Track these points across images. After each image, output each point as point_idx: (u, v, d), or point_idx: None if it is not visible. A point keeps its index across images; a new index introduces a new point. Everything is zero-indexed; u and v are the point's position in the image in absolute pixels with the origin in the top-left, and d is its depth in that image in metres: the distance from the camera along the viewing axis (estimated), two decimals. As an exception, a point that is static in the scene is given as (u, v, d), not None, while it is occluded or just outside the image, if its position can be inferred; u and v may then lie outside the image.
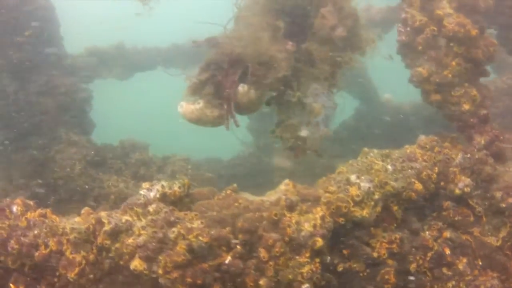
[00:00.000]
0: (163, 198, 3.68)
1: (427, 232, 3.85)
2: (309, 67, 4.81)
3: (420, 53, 4.22)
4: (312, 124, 4.83)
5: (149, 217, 3.51)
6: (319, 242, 3.57)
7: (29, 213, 3.80)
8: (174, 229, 3.46)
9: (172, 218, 3.51)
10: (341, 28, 4.61)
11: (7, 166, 6.24)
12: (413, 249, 3.79)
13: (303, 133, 4.86)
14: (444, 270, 3.78)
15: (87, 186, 6.04)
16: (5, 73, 6.34)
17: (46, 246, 3.57)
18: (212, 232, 3.53)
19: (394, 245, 3.73)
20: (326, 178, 4.18)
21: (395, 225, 3.81)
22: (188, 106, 4.93)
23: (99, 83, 8.16)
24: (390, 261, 3.73)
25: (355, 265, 3.76)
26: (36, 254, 3.54)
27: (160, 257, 3.37)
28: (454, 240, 3.86)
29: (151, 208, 3.56)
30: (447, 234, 3.85)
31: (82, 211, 3.83)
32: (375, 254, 3.71)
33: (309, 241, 3.59)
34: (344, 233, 3.78)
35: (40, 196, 5.94)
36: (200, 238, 3.45)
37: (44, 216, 3.82)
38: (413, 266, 3.77)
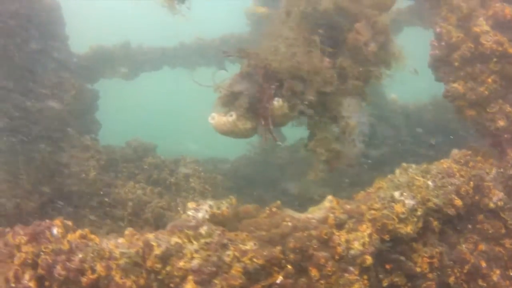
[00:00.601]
0: (212, 218, 3.64)
1: (463, 245, 4.00)
2: (343, 83, 4.82)
3: (455, 69, 4.30)
4: (347, 140, 4.88)
5: (202, 240, 3.47)
6: (369, 260, 3.65)
7: (69, 235, 3.67)
8: (228, 252, 3.43)
9: (225, 241, 3.48)
10: (373, 43, 4.63)
11: (17, 171, 5.96)
12: (451, 262, 3.95)
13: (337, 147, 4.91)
14: (480, 282, 3.96)
15: (102, 192, 5.87)
16: (13, 76, 6.01)
17: (93, 271, 3.46)
18: (265, 253, 3.53)
19: (435, 260, 3.86)
20: (365, 193, 4.25)
21: (435, 239, 3.94)
22: (220, 118, 4.83)
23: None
24: (430, 275, 3.87)
25: (396, 279, 3.87)
26: (84, 279, 3.43)
27: (216, 281, 3.35)
28: (488, 252, 4.03)
29: (202, 231, 3.51)
30: (482, 246, 4.03)
31: (126, 232, 3.72)
32: (418, 269, 3.83)
33: (359, 259, 3.66)
34: (385, 248, 3.88)
35: (53, 203, 5.75)
36: (255, 260, 3.45)
37: (85, 237, 3.69)
38: (451, 279, 3.93)
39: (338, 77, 4.83)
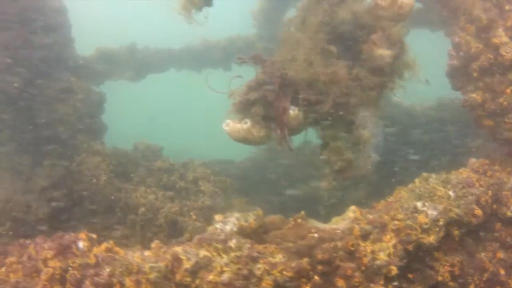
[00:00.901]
0: (240, 231, 3.65)
1: (482, 254, 4.08)
2: (358, 93, 4.84)
3: (473, 79, 4.36)
4: (361, 150, 4.91)
5: (232, 254, 3.47)
6: (394, 270, 3.71)
7: (95, 248, 3.64)
8: (259, 265, 3.45)
9: (255, 254, 3.50)
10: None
11: (28, 176, 5.87)
12: (471, 270, 4.03)
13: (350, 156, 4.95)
14: (498, 289, 4.06)
15: (113, 197, 5.81)
16: (21, 79, 5.89)
17: (122, 285, 3.45)
18: (293, 265, 3.56)
19: (456, 268, 3.94)
20: (385, 202, 4.30)
21: (455, 248, 4.01)
22: (235, 125, 4.83)
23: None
24: (451, 283, 3.95)
25: (419, 288, 3.95)
26: (113, 293, 3.42)
27: (247, 294, 3.37)
28: (506, 260, 4.13)
29: (232, 244, 3.51)
30: (501, 254, 4.12)
31: (153, 245, 3.71)
32: (439, 278, 3.90)
33: (384, 269, 3.72)
34: (408, 257, 3.95)
35: (64, 208, 5.69)
36: (285, 272, 3.48)
37: (110, 250, 3.67)
38: (471, 287, 4.01)
39: (354, 87, 4.86)
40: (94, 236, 3.73)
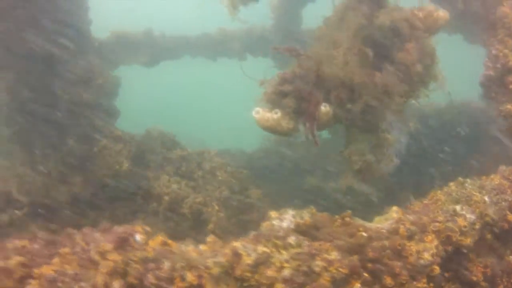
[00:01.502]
0: (297, 228, 3.73)
1: (510, 257, 4.38)
2: (386, 98, 4.99)
3: (509, 91, 4.59)
4: (384, 153, 5.09)
5: (293, 250, 3.56)
6: (437, 270, 3.92)
7: (150, 242, 3.62)
8: (318, 262, 3.55)
9: (314, 251, 3.60)
10: (419, 64, 4.83)
11: (45, 161, 5.66)
12: (500, 271, 4.31)
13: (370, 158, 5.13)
14: (523, 289, 4.37)
15: (134, 185, 5.72)
16: (39, 63, 5.64)
17: (183, 279, 3.45)
18: (347, 262, 3.69)
19: (488, 269, 4.21)
20: (422, 204, 4.50)
21: (487, 251, 4.28)
22: (265, 114, 4.92)
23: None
24: (483, 283, 4.22)
25: (453, 287, 4.19)
26: None
27: (307, 290, 3.47)
28: (531, 262, 4.44)
29: (291, 241, 3.59)
30: (526, 257, 4.42)
31: (208, 239, 3.73)
32: (473, 278, 4.16)
33: (427, 269, 3.92)
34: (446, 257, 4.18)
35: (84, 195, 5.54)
36: (340, 269, 3.60)
37: (166, 244, 3.66)
38: None
39: (384, 92, 5.01)
40: (149, 229, 3.70)
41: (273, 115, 4.92)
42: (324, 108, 4.95)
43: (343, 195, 7.29)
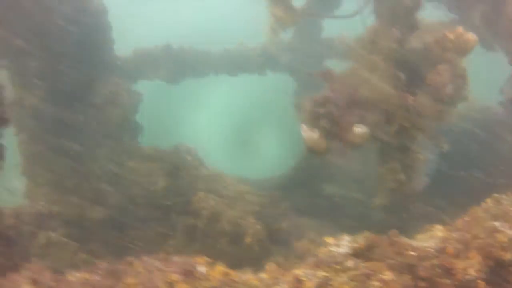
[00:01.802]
0: (353, 252, 3.91)
1: (546, 268, 4.59)
2: (417, 119, 5.20)
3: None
4: (414, 173, 5.31)
5: (350, 272, 3.73)
6: (481, 285, 4.13)
7: (211, 271, 3.76)
8: (374, 282, 3.73)
9: (369, 271, 3.77)
10: (451, 86, 5.04)
11: (76, 181, 5.75)
12: (535, 282, 4.53)
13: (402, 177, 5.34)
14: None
15: (169, 203, 5.85)
16: (69, 83, 5.75)
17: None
18: (401, 282, 3.87)
19: (526, 282, 4.42)
20: (462, 220, 4.70)
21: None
22: (308, 132, 5.11)
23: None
24: (521, 295, 4.43)
25: (495, 299, 4.40)
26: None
27: (365, 310, 3.65)
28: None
29: (349, 264, 3.77)
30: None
31: (267, 267, 3.89)
32: (514, 290, 4.37)
33: (473, 284, 4.12)
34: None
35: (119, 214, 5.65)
36: (395, 289, 3.79)
37: (227, 274, 3.80)
38: (534, 298, 4.52)
39: (416, 114, 5.22)
40: (209, 259, 3.84)
41: (313, 135, 5.11)
42: (361, 129, 5.13)
43: (378, 211, 7.47)
